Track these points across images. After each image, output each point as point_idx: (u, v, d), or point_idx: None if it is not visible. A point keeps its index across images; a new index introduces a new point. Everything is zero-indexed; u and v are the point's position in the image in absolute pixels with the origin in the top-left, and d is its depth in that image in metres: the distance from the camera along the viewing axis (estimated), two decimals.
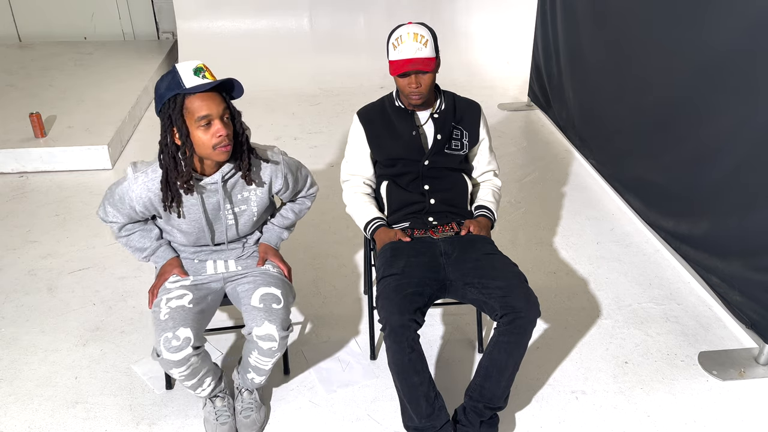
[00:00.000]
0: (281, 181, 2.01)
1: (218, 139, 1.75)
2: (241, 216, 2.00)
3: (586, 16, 3.67)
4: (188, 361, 1.84)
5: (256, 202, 2.00)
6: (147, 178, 1.86)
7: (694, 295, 2.75)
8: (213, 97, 1.74)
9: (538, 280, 2.87)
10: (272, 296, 1.94)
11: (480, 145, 2.29)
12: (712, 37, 2.47)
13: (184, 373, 1.87)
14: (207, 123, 1.73)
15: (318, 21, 5.64)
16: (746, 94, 2.30)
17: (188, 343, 1.82)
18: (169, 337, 1.80)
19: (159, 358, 1.82)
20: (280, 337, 1.88)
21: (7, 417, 2.16)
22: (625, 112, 3.27)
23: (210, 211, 1.94)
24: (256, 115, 4.83)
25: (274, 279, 2.01)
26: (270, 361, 1.95)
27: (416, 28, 2.05)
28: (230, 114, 1.80)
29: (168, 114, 1.74)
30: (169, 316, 1.85)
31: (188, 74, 1.72)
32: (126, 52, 5.88)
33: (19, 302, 2.74)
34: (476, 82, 5.53)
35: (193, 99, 1.72)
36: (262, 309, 1.90)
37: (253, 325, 1.88)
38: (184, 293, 1.94)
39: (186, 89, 1.70)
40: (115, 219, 1.98)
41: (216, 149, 1.76)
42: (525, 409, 2.19)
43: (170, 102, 1.73)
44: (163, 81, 1.75)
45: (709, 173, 2.57)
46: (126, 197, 1.89)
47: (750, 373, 2.32)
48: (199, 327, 1.89)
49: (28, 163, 3.91)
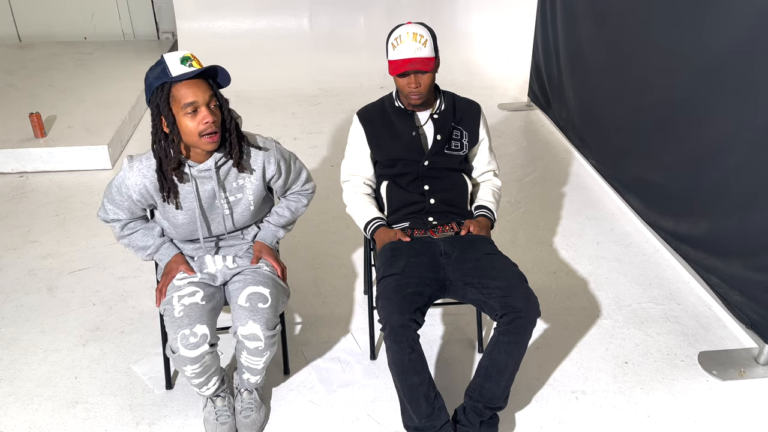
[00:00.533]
0: (274, 167, 2.01)
1: (204, 125, 1.77)
2: (236, 205, 2.00)
3: (586, 16, 3.67)
4: (203, 358, 1.85)
5: (251, 191, 2.00)
6: (142, 165, 1.89)
7: (694, 295, 2.75)
8: (199, 84, 1.77)
9: (538, 280, 2.87)
10: (259, 295, 1.94)
11: (480, 145, 2.29)
12: (712, 37, 2.47)
13: (196, 371, 1.87)
14: (193, 110, 1.76)
15: (318, 21, 5.65)
16: (746, 94, 2.30)
17: (205, 339, 1.83)
18: (186, 334, 1.82)
19: (174, 355, 1.83)
20: (265, 336, 1.88)
21: (7, 417, 2.16)
22: (625, 112, 3.27)
23: (205, 199, 1.95)
24: (256, 115, 4.83)
25: (264, 278, 2.00)
26: (260, 361, 1.95)
27: (415, 28, 2.05)
28: (218, 102, 1.83)
29: (156, 103, 1.77)
30: (184, 314, 1.86)
31: (175, 63, 1.75)
32: (126, 52, 5.88)
33: (19, 302, 2.74)
34: (476, 82, 5.53)
35: (180, 87, 1.75)
36: (248, 308, 1.90)
37: (238, 324, 1.89)
38: (196, 290, 1.95)
39: (172, 77, 1.74)
40: (116, 216, 1.99)
41: (203, 137, 1.79)
42: (525, 409, 2.19)
43: (158, 90, 1.77)
44: (151, 71, 1.79)
45: (709, 173, 2.57)
46: (123, 187, 1.91)
47: (750, 373, 2.32)
48: (213, 324, 1.91)
49: (28, 163, 3.91)
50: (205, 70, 1.78)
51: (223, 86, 1.85)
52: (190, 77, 1.75)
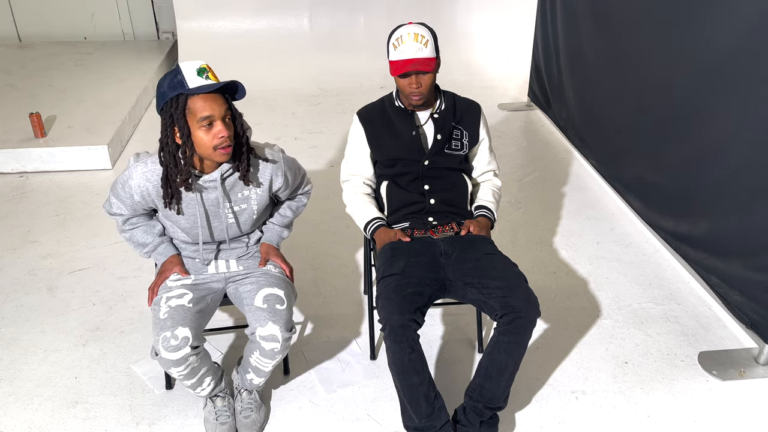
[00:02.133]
0: (281, 180, 2.01)
1: (220, 140, 1.76)
2: (241, 215, 2.00)
3: (586, 16, 3.67)
4: (186, 360, 1.84)
5: (256, 201, 2.00)
6: (146, 168, 1.87)
7: (694, 295, 2.75)
8: (216, 98, 1.75)
9: (538, 280, 2.87)
10: (276, 297, 1.94)
11: (480, 145, 2.29)
12: (712, 37, 2.47)
13: (183, 373, 1.87)
14: (209, 123, 1.74)
15: (318, 21, 5.64)
16: (746, 94, 2.30)
17: (186, 342, 1.82)
18: (167, 336, 1.81)
19: (158, 357, 1.82)
20: (283, 338, 1.88)
21: (7, 417, 2.16)
22: (625, 111, 3.27)
23: (209, 207, 1.94)
24: (256, 115, 4.83)
25: (277, 279, 2.01)
26: (271, 363, 1.95)
27: (416, 29, 2.05)
28: (231, 115, 1.81)
29: (170, 113, 1.75)
30: (168, 315, 1.85)
31: (192, 74, 1.72)
32: (126, 52, 5.88)
33: (19, 302, 2.74)
34: (476, 82, 5.53)
35: (196, 99, 1.73)
36: (266, 309, 1.90)
37: (256, 325, 1.88)
38: (184, 292, 1.94)
39: (189, 90, 1.71)
40: (119, 211, 1.99)
41: (216, 150, 1.78)
42: (525, 409, 2.19)
43: (173, 101, 1.74)
44: (165, 79, 1.76)
45: (709, 173, 2.57)
46: (126, 185, 1.90)
47: (750, 373, 2.32)
48: (198, 327, 1.89)
49: (28, 163, 3.91)
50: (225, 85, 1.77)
51: (237, 100, 1.84)
52: (208, 91, 1.73)
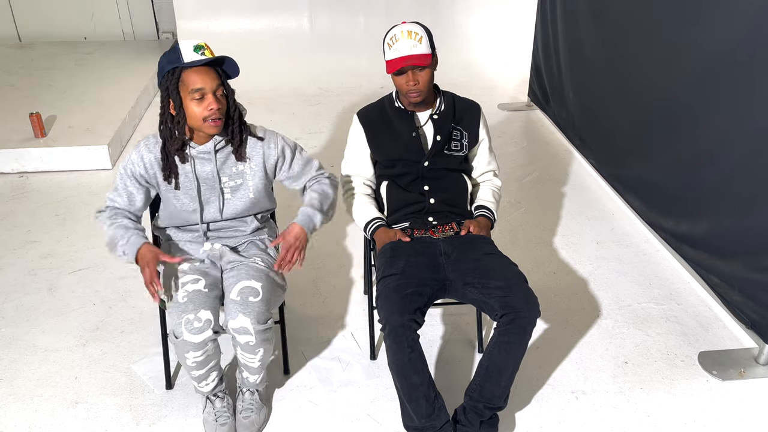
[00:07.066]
0: (275, 151, 2.04)
1: (209, 111, 1.85)
2: (236, 191, 2.03)
3: (586, 16, 3.67)
4: (206, 345, 1.87)
5: (251, 177, 2.03)
6: (149, 141, 2.00)
7: (694, 295, 2.75)
8: (208, 72, 1.85)
9: (538, 280, 2.87)
10: (251, 289, 1.94)
11: (480, 145, 2.29)
12: (712, 37, 2.47)
13: (198, 359, 1.88)
14: (200, 96, 1.84)
15: (318, 21, 5.65)
16: (746, 94, 2.30)
17: (209, 325, 1.86)
18: (191, 319, 1.84)
19: (178, 340, 1.85)
20: (255, 330, 1.89)
21: (7, 417, 2.16)
22: (625, 111, 3.27)
23: (203, 180, 1.99)
24: (256, 115, 4.83)
25: (257, 272, 2.00)
26: (254, 358, 1.96)
27: (410, 26, 2.06)
28: (224, 91, 1.91)
29: (166, 86, 1.86)
30: (188, 299, 1.89)
31: (188, 50, 1.85)
32: (126, 52, 5.88)
33: (19, 302, 2.74)
34: (476, 82, 5.53)
35: (190, 72, 1.83)
36: (239, 302, 1.91)
37: (228, 317, 1.90)
38: (198, 278, 1.97)
39: (183, 63, 1.83)
40: (112, 204, 2.02)
41: (206, 122, 1.87)
42: (525, 409, 2.19)
43: (169, 74, 1.85)
44: (165, 56, 1.88)
45: (709, 173, 2.57)
46: (128, 162, 1.98)
47: (750, 373, 2.32)
48: (216, 311, 1.93)
49: (28, 163, 3.91)
50: (216, 60, 1.87)
51: (231, 77, 1.93)
52: (200, 64, 1.83)
